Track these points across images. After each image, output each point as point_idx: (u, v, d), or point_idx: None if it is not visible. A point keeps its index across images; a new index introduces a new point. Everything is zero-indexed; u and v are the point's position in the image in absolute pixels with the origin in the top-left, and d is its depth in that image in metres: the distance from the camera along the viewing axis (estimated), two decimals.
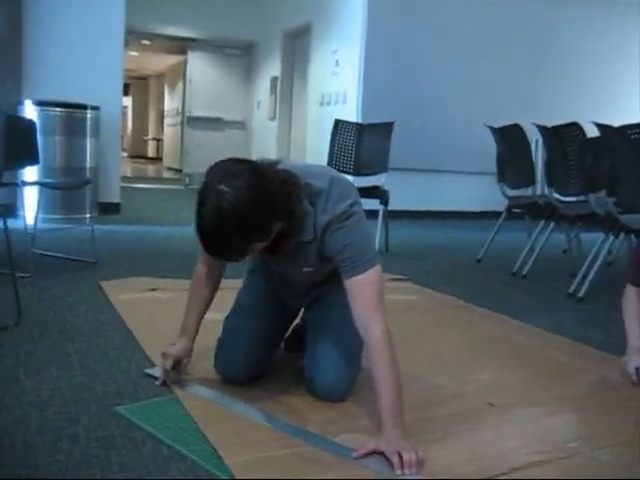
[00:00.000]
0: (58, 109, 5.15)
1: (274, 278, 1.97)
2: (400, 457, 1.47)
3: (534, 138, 4.76)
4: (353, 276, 1.65)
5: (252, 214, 1.50)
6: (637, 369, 2.14)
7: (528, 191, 4.43)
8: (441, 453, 1.60)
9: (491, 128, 4.59)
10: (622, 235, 3.60)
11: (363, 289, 1.65)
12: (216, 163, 1.57)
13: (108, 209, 5.75)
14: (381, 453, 1.51)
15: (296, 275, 1.86)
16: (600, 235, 3.59)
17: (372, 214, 3.78)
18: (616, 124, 3.37)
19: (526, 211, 4.70)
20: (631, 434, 1.76)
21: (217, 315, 2.00)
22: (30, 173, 4.52)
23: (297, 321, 2.20)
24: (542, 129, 4.17)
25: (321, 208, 1.66)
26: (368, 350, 1.65)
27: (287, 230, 1.64)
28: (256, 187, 1.51)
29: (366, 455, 1.52)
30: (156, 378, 1.95)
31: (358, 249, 1.66)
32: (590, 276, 3.45)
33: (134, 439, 1.59)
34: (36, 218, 3.70)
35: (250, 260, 2.05)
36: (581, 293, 3.42)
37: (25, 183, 3.82)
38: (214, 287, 1.94)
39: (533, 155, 4.55)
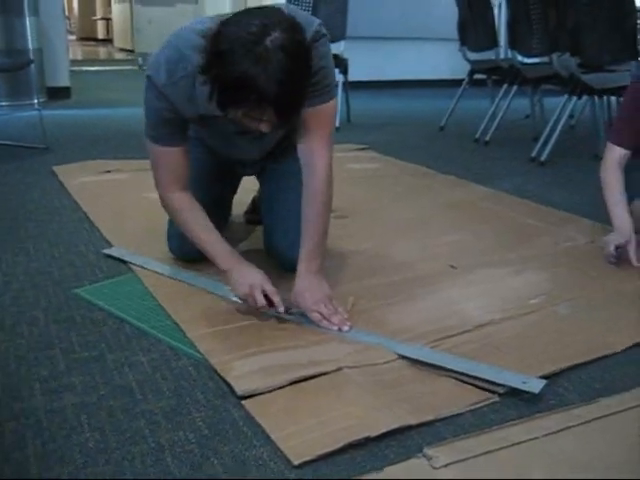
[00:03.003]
0: None
1: (222, 142, 1.83)
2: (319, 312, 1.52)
3: (497, 2, 4.61)
4: (319, 104, 1.54)
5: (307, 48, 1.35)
6: (617, 247, 1.92)
7: (491, 55, 4.32)
8: (402, 315, 1.61)
9: None
10: (584, 97, 3.55)
11: (322, 118, 1.56)
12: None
13: (57, 93, 5.49)
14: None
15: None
16: (563, 100, 3.54)
17: None
18: None
19: (489, 75, 4.61)
20: (592, 288, 1.79)
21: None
22: None
23: (255, 194, 2.15)
24: None
25: None
26: (307, 187, 1.57)
27: None
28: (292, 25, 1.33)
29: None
30: (114, 258, 1.91)
31: (328, 75, 1.54)
32: (552, 140, 3.42)
33: (95, 319, 1.57)
34: None
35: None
36: (543, 157, 3.41)
37: None
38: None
39: (496, 18, 4.42)
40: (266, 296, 1.52)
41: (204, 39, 1.32)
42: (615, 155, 2.01)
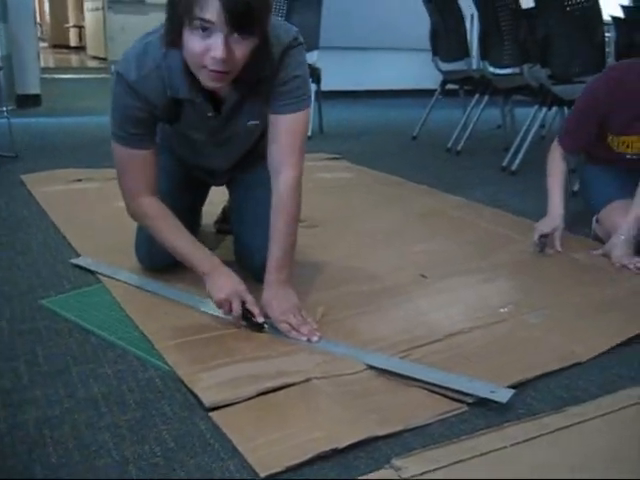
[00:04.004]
0: None
1: (191, 151, 1.80)
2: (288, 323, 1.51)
3: (469, 14, 4.67)
4: (293, 112, 1.53)
5: None
6: (541, 237, 2.15)
7: (463, 66, 4.37)
8: (372, 325, 1.60)
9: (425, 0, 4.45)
10: (555, 108, 3.59)
11: (294, 128, 1.55)
12: None
13: (27, 101, 5.41)
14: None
15: (238, 135, 1.69)
16: (533, 110, 3.58)
17: None
18: None
19: (461, 85, 4.66)
20: (561, 298, 1.80)
21: None
22: None
23: (225, 203, 2.14)
24: None
25: (273, 37, 1.47)
26: (275, 197, 1.56)
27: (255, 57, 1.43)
28: None
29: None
30: (82, 268, 1.88)
31: (304, 84, 1.54)
32: (523, 150, 3.46)
33: (60, 331, 1.54)
34: None
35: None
36: (514, 167, 3.44)
37: None
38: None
39: (468, 30, 4.48)
40: (243, 306, 1.51)
41: None
42: (561, 151, 2.26)
